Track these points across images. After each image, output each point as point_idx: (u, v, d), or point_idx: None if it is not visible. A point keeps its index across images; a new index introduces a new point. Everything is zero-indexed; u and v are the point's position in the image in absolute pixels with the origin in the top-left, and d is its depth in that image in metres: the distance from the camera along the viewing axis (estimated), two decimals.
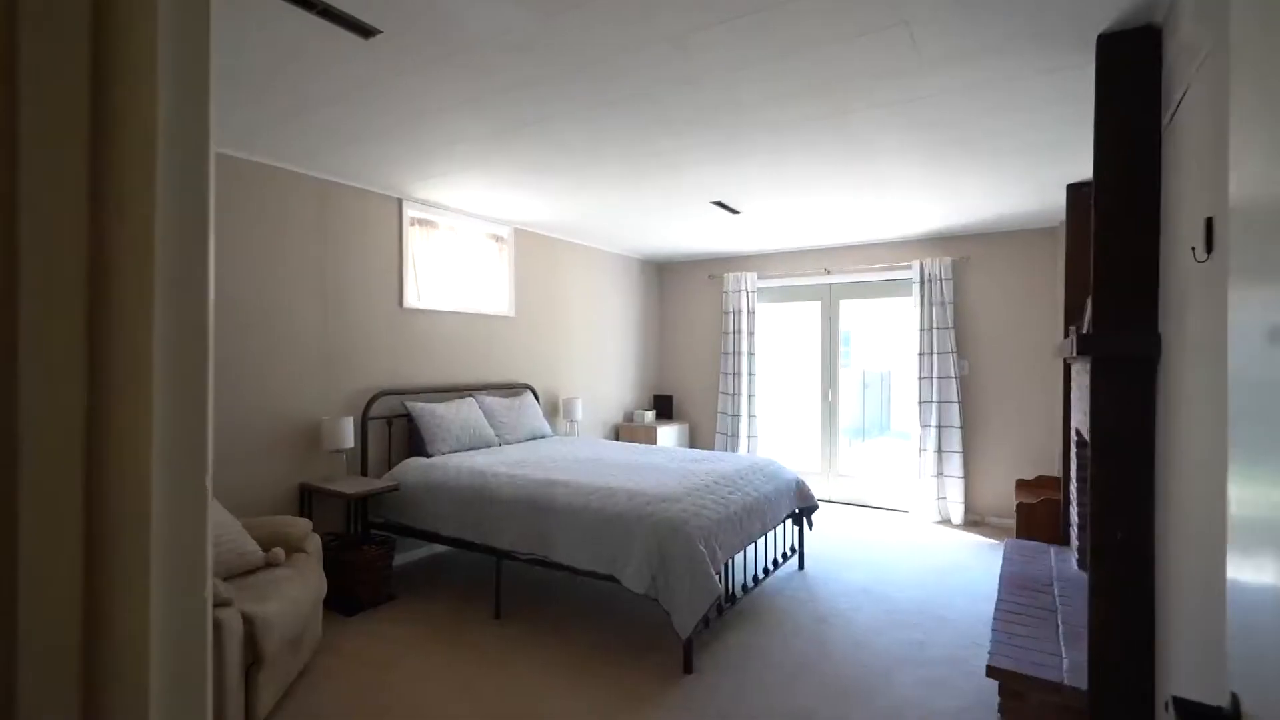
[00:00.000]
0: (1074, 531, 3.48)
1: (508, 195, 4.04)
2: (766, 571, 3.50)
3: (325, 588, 2.74)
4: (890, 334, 5.98)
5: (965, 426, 5.15)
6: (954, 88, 2.45)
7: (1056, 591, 3.02)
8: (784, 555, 3.77)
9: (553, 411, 5.38)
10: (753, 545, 3.29)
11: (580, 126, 2.84)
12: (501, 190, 3.92)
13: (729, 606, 3.05)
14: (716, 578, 2.69)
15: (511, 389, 4.90)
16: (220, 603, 2.03)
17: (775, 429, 6.46)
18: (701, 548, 2.66)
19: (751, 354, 6.11)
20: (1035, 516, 3.96)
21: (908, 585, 3.69)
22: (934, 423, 5.14)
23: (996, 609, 2.86)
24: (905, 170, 3.47)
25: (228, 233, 3.20)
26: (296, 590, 2.46)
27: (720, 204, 4.25)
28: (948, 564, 4.08)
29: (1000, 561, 4.06)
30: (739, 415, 6.09)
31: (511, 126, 2.85)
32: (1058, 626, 2.64)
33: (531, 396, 4.86)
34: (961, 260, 5.19)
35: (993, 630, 2.63)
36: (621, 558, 2.75)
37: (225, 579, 2.41)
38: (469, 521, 3.28)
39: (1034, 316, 4.91)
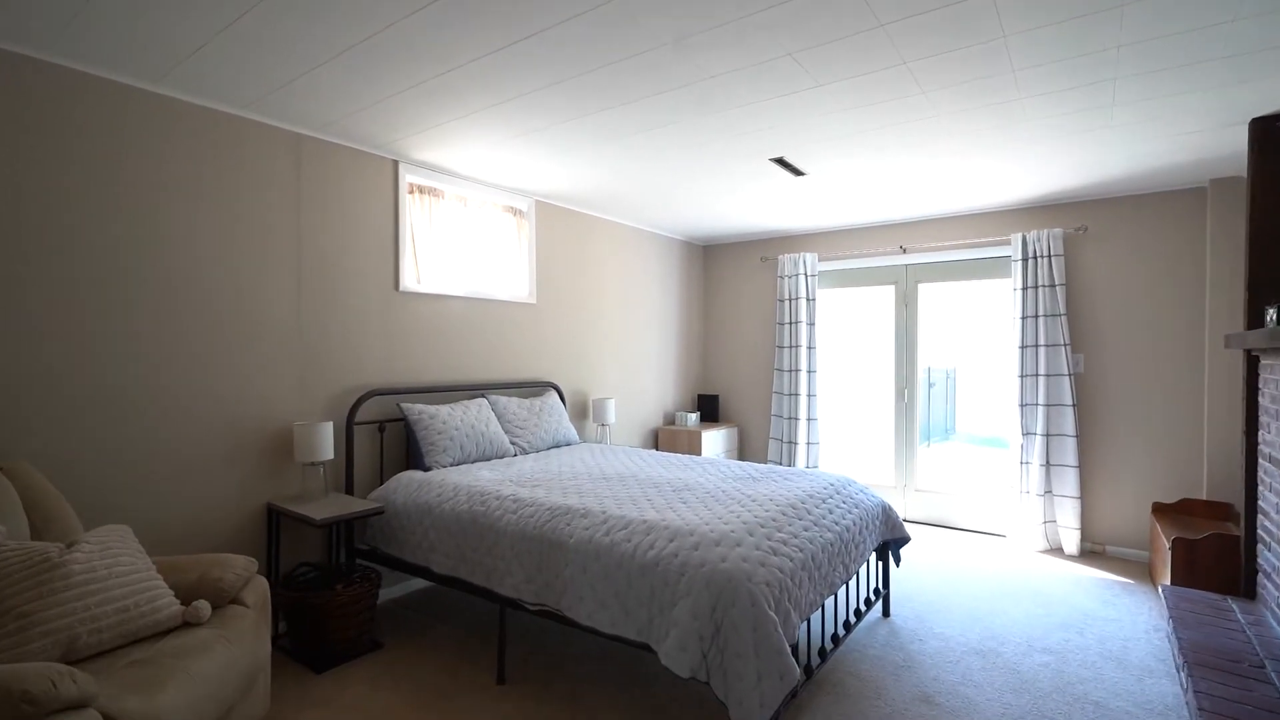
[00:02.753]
0: (1271, 582, 2.57)
1: (523, 158, 3.33)
2: (847, 626, 2.71)
3: (268, 651, 2.08)
4: (964, 323, 5.07)
5: (1082, 435, 4.21)
6: None
7: (1275, 677, 2.14)
8: (867, 601, 2.96)
9: (581, 414, 4.67)
10: (832, 596, 2.51)
11: (595, 44, 2.10)
12: (515, 150, 3.21)
13: (803, 682, 2.28)
14: (792, 652, 1.92)
15: (532, 388, 4.21)
16: (67, 706, 1.37)
17: (838, 434, 5.61)
18: (772, 613, 1.89)
19: (811, 347, 5.27)
20: (1199, 556, 3.05)
21: (1031, 645, 2.83)
22: (1040, 430, 4.22)
23: (1193, 702, 2.00)
24: (1029, 102, 2.61)
25: (177, 193, 2.58)
26: (216, 665, 1.79)
27: (781, 162, 3.45)
28: (1074, 612, 3.19)
29: (1148, 613, 3.14)
30: (796, 418, 5.27)
31: (505, 45, 2.13)
32: None
33: (556, 397, 4.16)
34: (1076, 232, 4.25)
35: None
36: (659, 622, 2.01)
37: (110, 651, 1.76)
38: (465, 556, 2.59)
39: (1173, 300, 3.94)
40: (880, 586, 3.14)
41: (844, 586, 2.76)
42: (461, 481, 2.86)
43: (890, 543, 3.10)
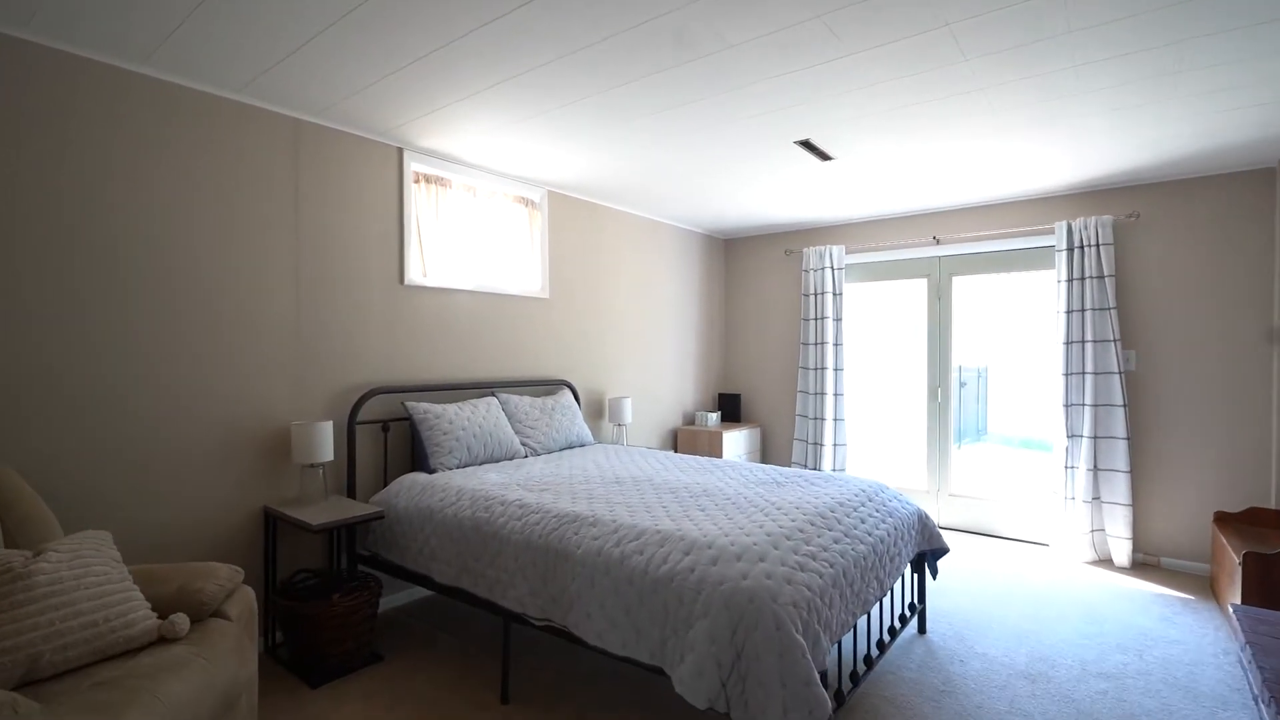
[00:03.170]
0: None
1: (531, 144, 3.16)
2: (881, 645, 2.48)
3: (253, 670, 1.94)
4: (999, 318, 4.76)
5: (1134, 437, 3.91)
6: None
7: None
8: (901, 618, 2.74)
9: (596, 414, 4.49)
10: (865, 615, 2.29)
11: (593, 12, 1.92)
12: (522, 136, 3.04)
13: (835, 710, 2.06)
14: (821, 681, 1.72)
15: (545, 386, 4.04)
16: None
17: (867, 435, 5.35)
18: (800, 637, 1.69)
19: (838, 344, 5.02)
20: (1274, 572, 2.76)
21: (1085, 668, 2.58)
22: (1087, 432, 3.93)
23: None
24: (1084, 70, 2.36)
25: (172, 183, 2.46)
26: (190, 685, 1.64)
27: (807, 144, 3.23)
28: (1130, 631, 2.92)
29: (1214, 634, 2.84)
30: (822, 418, 5.02)
31: (502, 15, 1.95)
32: None
33: (570, 395, 3.99)
34: (1127, 219, 3.95)
35: None
36: (674, 644, 1.82)
37: (79, 669, 1.62)
38: (468, 566, 2.42)
39: (1236, 291, 3.63)
40: (915, 600, 2.91)
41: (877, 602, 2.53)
42: (465, 485, 2.70)
43: (927, 554, 2.86)
